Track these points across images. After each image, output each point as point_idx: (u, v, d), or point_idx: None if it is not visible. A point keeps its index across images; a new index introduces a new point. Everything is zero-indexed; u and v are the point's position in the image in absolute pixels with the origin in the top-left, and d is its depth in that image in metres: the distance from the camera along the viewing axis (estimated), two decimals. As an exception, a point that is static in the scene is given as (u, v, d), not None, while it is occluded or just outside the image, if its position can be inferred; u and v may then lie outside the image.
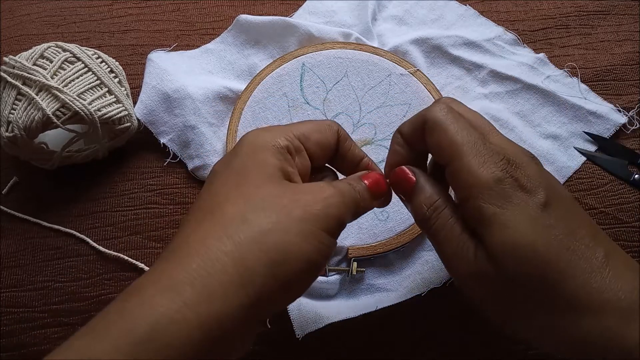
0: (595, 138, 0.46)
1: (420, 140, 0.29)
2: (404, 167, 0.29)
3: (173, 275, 0.22)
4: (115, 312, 0.21)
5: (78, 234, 0.43)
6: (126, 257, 0.42)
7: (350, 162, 0.31)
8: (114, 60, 0.45)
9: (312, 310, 0.39)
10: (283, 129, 0.28)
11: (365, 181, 0.28)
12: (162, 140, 0.45)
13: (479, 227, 0.26)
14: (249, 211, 0.23)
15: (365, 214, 0.42)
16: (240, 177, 0.25)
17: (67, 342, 0.21)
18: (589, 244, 0.25)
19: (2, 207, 0.44)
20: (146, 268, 0.42)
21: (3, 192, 0.45)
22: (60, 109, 0.39)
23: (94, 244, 0.42)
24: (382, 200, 0.30)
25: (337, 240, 0.41)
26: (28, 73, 0.40)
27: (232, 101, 0.47)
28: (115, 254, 0.42)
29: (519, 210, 0.25)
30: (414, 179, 0.29)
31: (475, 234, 0.26)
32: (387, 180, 0.30)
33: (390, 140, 0.31)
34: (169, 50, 0.50)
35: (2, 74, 0.40)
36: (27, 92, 0.39)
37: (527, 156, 0.27)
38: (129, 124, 0.44)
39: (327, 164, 0.32)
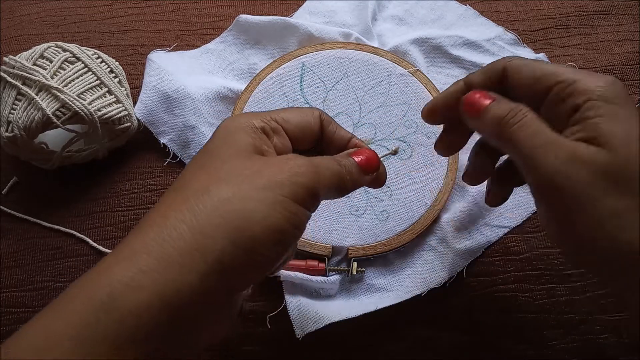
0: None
1: (492, 88, 0.29)
2: (477, 91, 0.29)
3: (131, 245, 0.22)
4: (75, 286, 0.21)
5: (78, 234, 0.43)
6: None
7: (337, 144, 0.30)
8: (114, 60, 0.45)
9: (312, 310, 0.39)
10: (261, 113, 0.28)
11: (355, 157, 0.28)
12: (162, 140, 0.45)
13: (597, 122, 0.25)
14: (212, 183, 0.23)
15: (365, 214, 0.42)
16: (209, 155, 0.25)
17: (30, 321, 0.20)
18: None
19: (2, 207, 0.44)
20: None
21: (3, 192, 0.45)
22: (60, 109, 0.39)
23: (94, 244, 0.42)
24: (375, 178, 0.29)
25: (337, 240, 0.41)
26: (28, 73, 0.40)
27: (232, 101, 0.47)
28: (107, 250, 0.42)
29: (631, 110, 0.25)
30: (488, 100, 0.28)
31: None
32: (380, 157, 0.29)
33: (390, 140, 0.31)
34: (169, 50, 0.50)
35: (2, 74, 0.40)
36: (27, 92, 0.39)
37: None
38: (129, 124, 0.44)
39: (315, 150, 0.31)
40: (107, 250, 0.42)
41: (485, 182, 0.36)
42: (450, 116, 0.32)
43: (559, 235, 0.27)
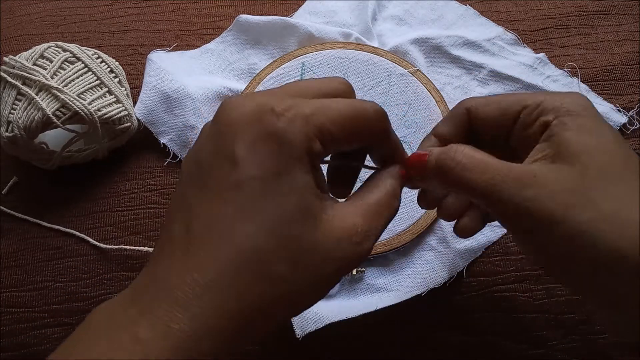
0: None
1: (460, 134, 0.29)
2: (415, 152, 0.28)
3: (138, 292, 0.20)
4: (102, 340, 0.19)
5: (78, 233, 0.43)
6: (129, 247, 0.42)
7: (388, 154, 0.26)
8: (114, 60, 0.45)
9: (312, 310, 0.39)
10: (319, 119, 0.21)
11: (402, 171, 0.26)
12: (162, 140, 0.45)
13: (560, 127, 0.25)
14: (278, 257, 0.20)
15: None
16: (266, 196, 0.20)
17: None
18: None
19: (2, 207, 0.44)
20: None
21: (3, 192, 0.45)
22: (60, 109, 0.39)
23: (95, 242, 0.42)
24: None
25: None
26: (28, 73, 0.40)
27: (232, 101, 0.47)
28: (117, 246, 0.42)
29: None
30: (427, 153, 0.27)
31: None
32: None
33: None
34: (169, 50, 0.50)
35: (2, 74, 0.40)
36: (27, 92, 0.39)
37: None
38: (129, 124, 0.44)
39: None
40: (107, 246, 0.42)
41: None
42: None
43: (543, 261, 0.26)
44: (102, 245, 0.42)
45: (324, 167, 0.27)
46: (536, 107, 0.26)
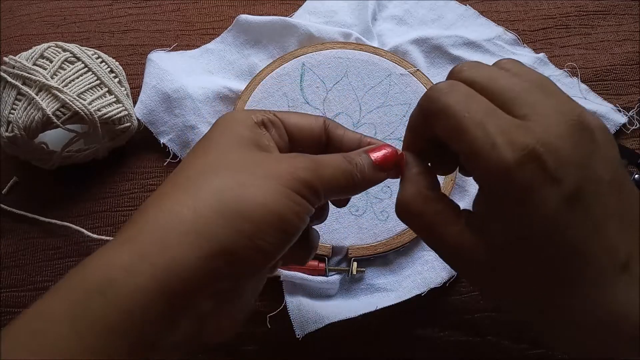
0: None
1: (426, 131, 0.26)
2: (403, 154, 0.27)
3: (129, 230, 0.22)
4: (74, 271, 0.21)
5: (73, 226, 0.42)
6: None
7: (348, 147, 0.28)
8: (114, 60, 0.45)
9: (312, 310, 0.39)
10: (261, 110, 0.27)
11: (371, 154, 0.27)
12: (162, 140, 0.45)
13: (485, 218, 0.23)
14: (211, 170, 0.23)
15: (365, 214, 0.42)
16: (207, 145, 0.25)
17: (31, 305, 0.21)
18: (611, 247, 0.21)
19: (2, 205, 0.44)
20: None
21: (3, 192, 0.45)
22: (60, 109, 0.39)
23: (88, 233, 0.42)
24: (394, 172, 0.28)
25: (337, 240, 0.41)
26: (28, 73, 0.40)
27: (232, 101, 0.47)
28: (109, 238, 0.42)
29: (534, 208, 0.21)
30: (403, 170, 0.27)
31: (475, 217, 0.24)
32: (398, 152, 0.28)
33: (390, 140, 0.31)
34: (169, 50, 0.50)
35: (2, 74, 0.40)
36: (27, 92, 0.39)
37: (564, 129, 0.21)
38: (129, 124, 0.44)
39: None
40: (108, 238, 0.42)
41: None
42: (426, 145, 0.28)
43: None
44: (104, 237, 0.42)
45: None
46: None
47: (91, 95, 0.41)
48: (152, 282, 0.20)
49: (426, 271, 0.42)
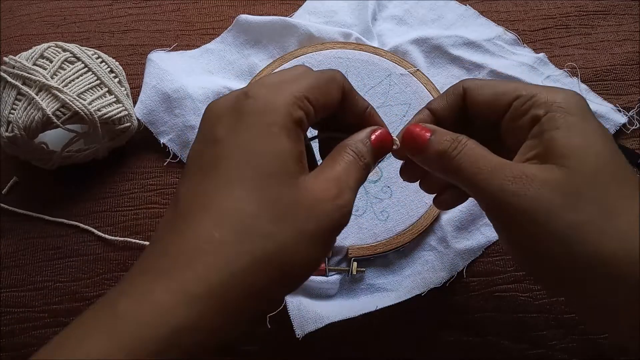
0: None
1: (454, 112, 0.29)
2: (415, 125, 0.28)
3: (162, 259, 0.21)
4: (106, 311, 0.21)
5: (83, 225, 0.43)
6: (134, 240, 0.42)
7: (356, 112, 0.28)
8: (114, 60, 0.45)
9: (312, 310, 0.39)
10: (287, 87, 0.24)
11: (372, 136, 0.26)
12: (162, 140, 0.45)
13: (551, 132, 0.25)
14: (262, 216, 0.21)
15: (365, 214, 0.42)
16: (247, 163, 0.22)
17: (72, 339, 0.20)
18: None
19: (3, 205, 0.44)
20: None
21: (3, 192, 0.45)
22: (60, 109, 0.39)
23: (100, 233, 0.42)
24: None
25: (337, 240, 0.41)
26: (28, 73, 0.40)
27: (232, 101, 0.47)
28: (122, 239, 0.42)
29: (593, 123, 0.25)
30: (429, 131, 0.27)
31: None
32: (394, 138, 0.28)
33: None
34: (169, 50, 0.50)
35: (2, 74, 0.40)
36: (27, 92, 0.39)
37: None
38: (129, 124, 0.44)
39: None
40: (111, 237, 0.42)
41: None
42: None
43: (520, 258, 0.27)
44: (107, 236, 0.42)
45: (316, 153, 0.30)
46: (529, 98, 0.26)
47: (91, 95, 0.41)
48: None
49: (426, 271, 0.42)
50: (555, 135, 0.24)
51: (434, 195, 0.33)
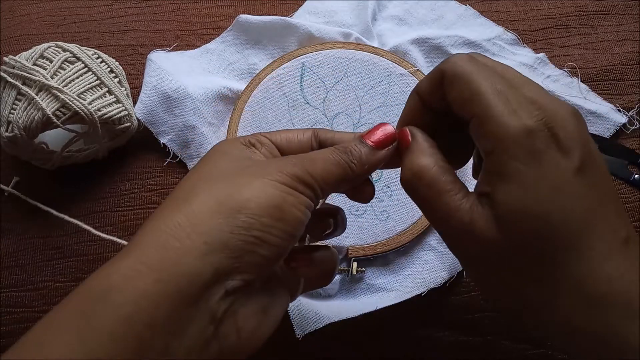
0: (595, 138, 0.46)
1: (438, 98, 0.26)
2: (405, 128, 0.27)
3: (131, 243, 0.22)
4: (82, 283, 0.22)
5: (83, 225, 0.42)
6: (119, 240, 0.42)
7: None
8: (114, 60, 0.45)
9: (312, 310, 0.39)
10: (247, 135, 0.29)
11: (367, 138, 0.27)
12: (162, 140, 0.45)
13: (496, 184, 0.23)
14: (205, 181, 0.24)
15: (365, 214, 0.42)
16: (201, 167, 0.26)
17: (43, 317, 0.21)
18: (613, 223, 0.22)
19: (15, 191, 0.44)
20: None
21: (9, 189, 0.45)
22: (60, 109, 0.39)
23: (99, 233, 0.42)
24: (394, 162, 0.27)
25: (337, 240, 0.41)
26: (28, 73, 0.40)
27: (232, 101, 0.47)
28: (121, 241, 0.42)
29: (546, 171, 0.22)
30: (410, 139, 0.27)
31: (483, 196, 0.24)
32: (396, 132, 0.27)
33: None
34: (169, 50, 0.50)
35: (2, 74, 0.40)
36: (27, 92, 0.39)
37: (568, 111, 0.23)
38: (129, 124, 0.44)
39: None
40: (111, 237, 0.42)
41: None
42: (430, 118, 0.28)
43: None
44: (103, 235, 0.42)
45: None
46: (482, 122, 0.24)
47: (91, 95, 0.41)
48: (153, 286, 0.20)
49: (426, 271, 0.42)
50: (497, 188, 0.23)
51: None
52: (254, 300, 0.23)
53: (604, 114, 0.47)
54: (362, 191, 0.29)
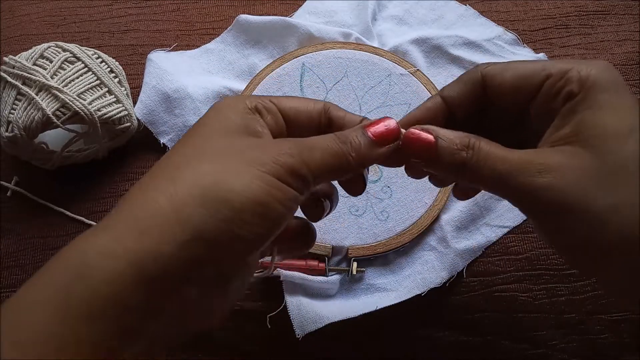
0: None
1: (469, 101, 0.27)
2: (415, 127, 0.26)
3: (109, 217, 0.22)
4: (55, 257, 0.21)
5: (87, 220, 0.43)
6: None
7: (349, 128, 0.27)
8: (114, 60, 0.45)
9: (312, 310, 0.39)
10: (256, 95, 0.27)
11: (368, 129, 0.25)
12: (162, 140, 0.45)
13: (584, 117, 0.23)
14: (194, 157, 0.23)
15: (365, 214, 0.42)
16: (195, 132, 0.25)
17: (14, 294, 0.21)
18: None
19: (20, 189, 0.44)
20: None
21: (12, 186, 0.45)
22: (60, 109, 0.39)
23: (89, 221, 0.42)
24: (395, 160, 0.26)
25: (337, 240, 0.41)
26: (28, 73, 0.40)
27: (232, 101, 0.47)
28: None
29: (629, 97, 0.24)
30: (432, 136, 0.25)
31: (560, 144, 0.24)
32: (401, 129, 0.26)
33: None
34: (169, 50, 0.50)
35: (2, 74, 0.40)
36: (27, 92, 0.39)
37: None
38: (129, 124, 0.44)
39: None
40: (86, 219, 0.42)
41: None
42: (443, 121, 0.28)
43: (558, 247, 0.26)
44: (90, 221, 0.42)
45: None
46: (561, 76, 0.24)
47: (91, 95, 0.41)
48: (129, 267, 0.20)
49: (426, 271, 0.42)
50: (586, 116, 0.23)
51: (441, 188, 0.32)
52: (225, 285, 0.24)
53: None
54: (354, 182, 0.28)
